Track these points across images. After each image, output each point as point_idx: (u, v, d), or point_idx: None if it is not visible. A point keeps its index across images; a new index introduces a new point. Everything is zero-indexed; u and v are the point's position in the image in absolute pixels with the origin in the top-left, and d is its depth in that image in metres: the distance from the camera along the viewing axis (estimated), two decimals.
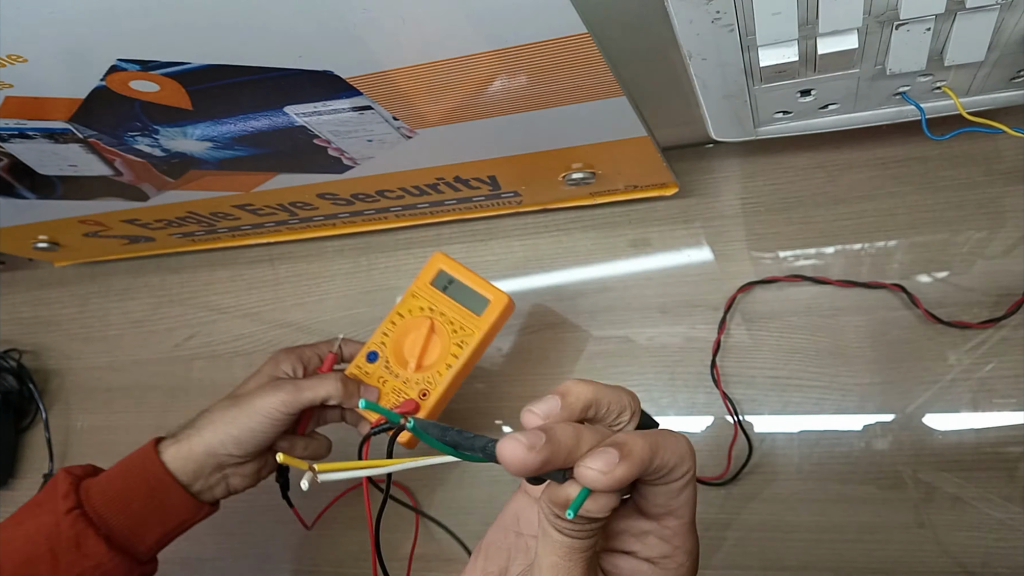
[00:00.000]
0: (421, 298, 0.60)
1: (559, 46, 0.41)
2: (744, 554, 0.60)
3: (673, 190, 0.66)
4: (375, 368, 0.59)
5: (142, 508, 0.51)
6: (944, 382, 0.58)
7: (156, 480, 0.51)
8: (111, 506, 0.51)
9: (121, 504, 0.51)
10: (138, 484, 0.51)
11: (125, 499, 0.51)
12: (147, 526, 0.52)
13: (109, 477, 0.52)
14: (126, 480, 0.51)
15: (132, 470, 0.52)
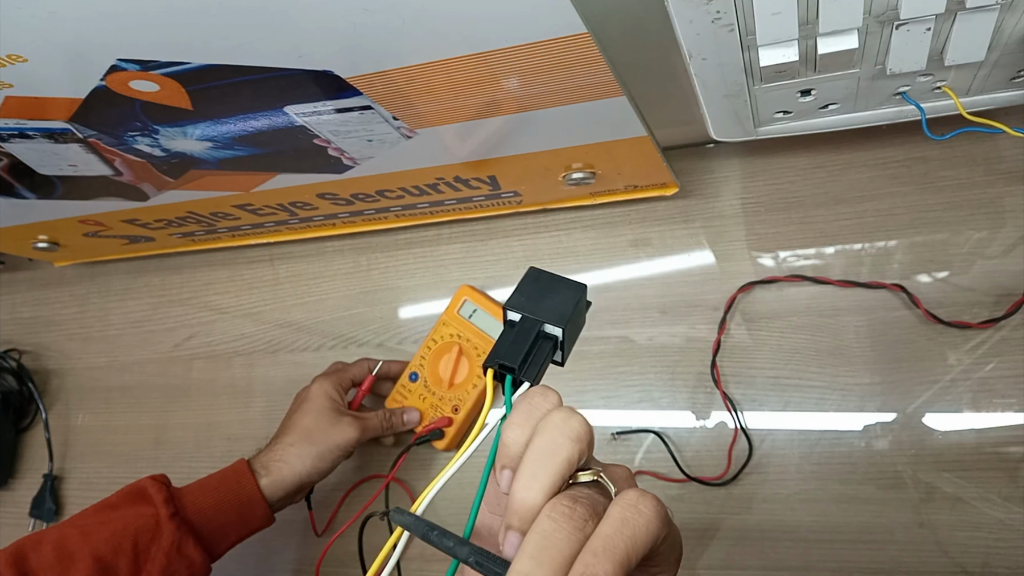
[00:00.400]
0: (451, 326, 0.70)
1: (559, 46, 0.41)
2: (744, 554, 0.60)
3: (673, 190, 0.66)
4: (416, 387, 0.70)
5: (229, 521, 0.58)
6: (944, 382, 0.58)
7: (251, 501, 0.58)
8: (202, 516, 0.57)
9: (212, 515, 0.57)
10: (231, 500, 0.58)
11: (217, 511, 0.58)
12: (227, 535, 0.58)
13: (203, 489, 0.58)
14: (219, 494, 0.58)
15: (226, 487, 0.58)
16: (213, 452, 0.79)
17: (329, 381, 0.65)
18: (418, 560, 0.68)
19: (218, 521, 0.58)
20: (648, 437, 0.65)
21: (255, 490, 0.59)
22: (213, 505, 0.58)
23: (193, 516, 0.57)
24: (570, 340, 0.36)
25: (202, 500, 0.58)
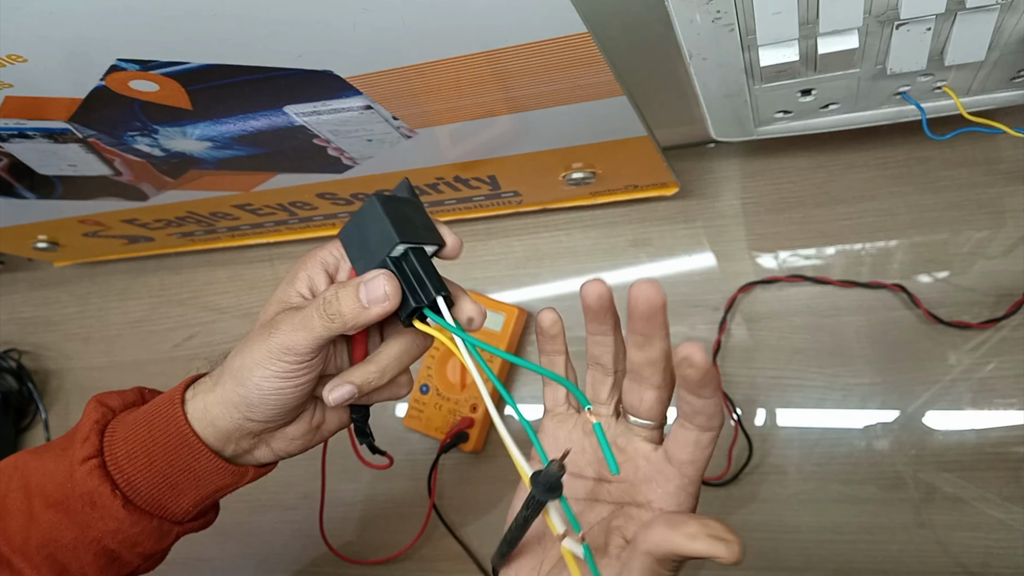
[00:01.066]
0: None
1: (559, 46, 0.41)
2: (744, 554, 0.60)
3: (673, 190, 0.66)
4: (429, 398, 0.69)
5: (168, 468, 0.42)
6: (944, 382, 0.58)
7: (180, 440, 0.41)
8: (134, 460, 0.41)
9: (144, 459, 0.41)
10: (162, 439, 0.41)
11: (149, 454, 0.41)
12: (178, 489, 0.43)
13: (136, 422, 0.42)
14: (151, 431, 0.42)
15: (156, 420, 0.42)
16: None
17: (309, 255, 0.43)
18: (423, 560, 0.68)
19: (155, 468, 0.42)
20: None
21: (182, 424, 0.41)
22: (144, 445, 0.42)
23: (125, 460, 0.41)
24: (413, 228, 0.38)
25: (133, 437, 0.42)
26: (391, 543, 0.68)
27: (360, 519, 0.72)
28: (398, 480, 0.71)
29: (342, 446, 0.72)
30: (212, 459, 0.42)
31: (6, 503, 0.42)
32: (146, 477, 0.41)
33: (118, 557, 0.43)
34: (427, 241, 0.38)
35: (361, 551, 0.70)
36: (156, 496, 0.42)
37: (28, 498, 0.42)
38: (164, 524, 0.43)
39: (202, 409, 0.42)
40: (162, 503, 0.42)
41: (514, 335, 0.68)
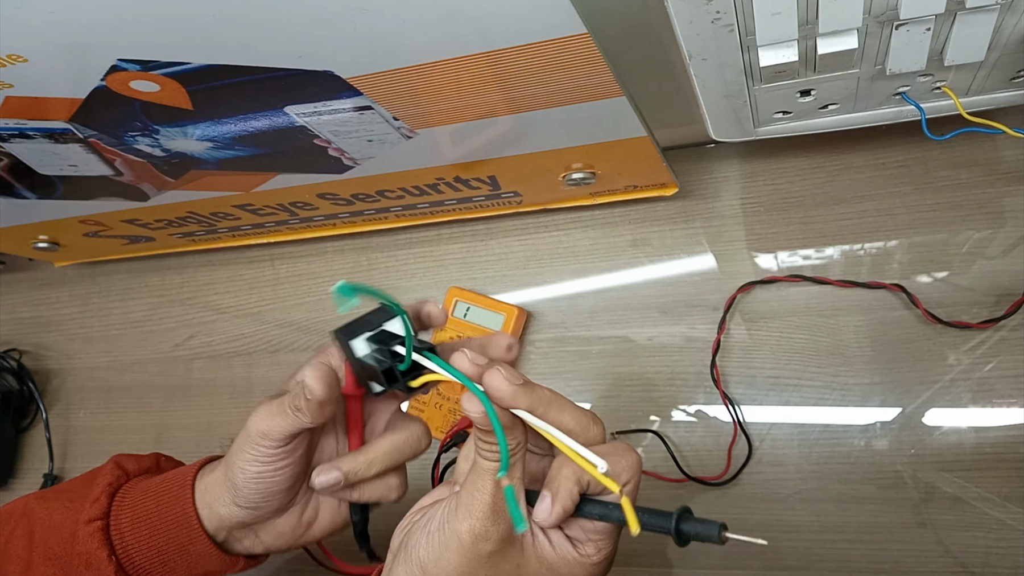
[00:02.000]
0: (449, 329, 0.69)
1: (559, 46, 0.41)
2: (744, 554, 0.60)
3: (673, 190, 0.66)
4: (429, 398, 0.68)
5: (166, 545, 0.43)
6: (944, 382, 0.58)
7: (183, 519, 0.42)
8: (136, 530, 0.42)
9: (146, 531, 0.42)
10: (167, 514, 0.42)
11: (151, 527, 0.42)
12: (169, 567, 0.43)
13: (146, 491, 0.44)
14: (158, 505, 0.43)
15: (165, 495, 0.43)
16: (213, 452, 0.78)
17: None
18: None
19: (153, 542, 0.43)
20: (647, 437, 0.65)
21: (188, 503, 0.43)
22: (150, 517, 0.43)
23: (128, 529, 0.43)
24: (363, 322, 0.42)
25: (140, 506, 0.43)
26: None
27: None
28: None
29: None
30: (207, 544, 0.43)
31: (8, 549, 0.43)
32: (143, 550, 0.43)
33: None
34: (379, 323, 0.41)
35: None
36: (148, 570, 0.43)
37: (30, 548, 0.43)
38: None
39: (204, 490, 0.43)
40: (152, 574, 0.44)
41: (514, 335, 0.68)
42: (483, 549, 0.35)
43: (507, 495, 0.34)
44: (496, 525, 0.34)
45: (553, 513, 0.35)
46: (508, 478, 0.34)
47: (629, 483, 0.35)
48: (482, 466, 0.35)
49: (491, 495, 0.34)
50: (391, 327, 0.41)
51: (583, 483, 0.35)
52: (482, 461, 0.35)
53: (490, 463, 0.35)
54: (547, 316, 0.70)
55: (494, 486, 0.34)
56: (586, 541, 0.36)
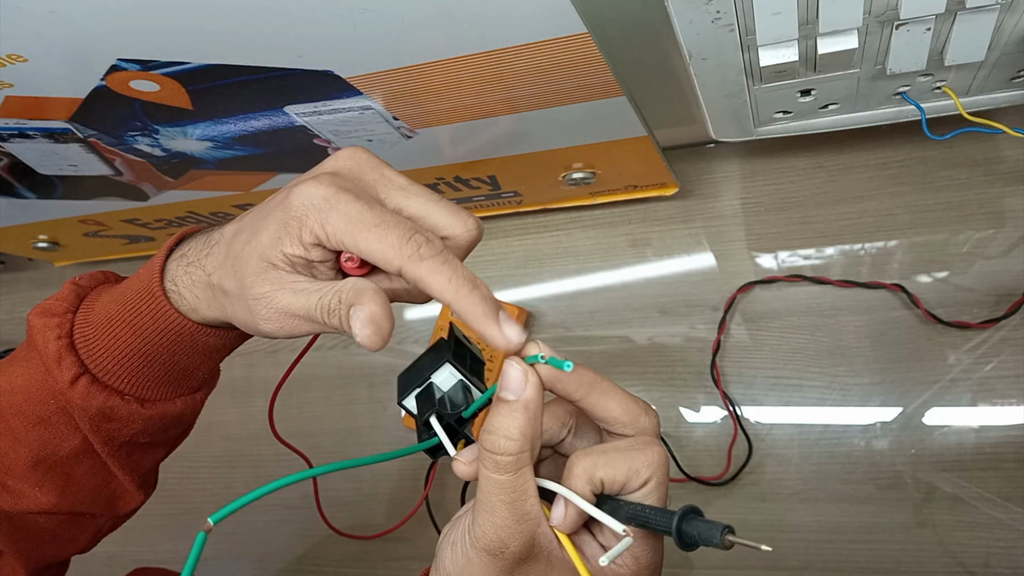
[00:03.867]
0: (448, 330, 0.65)
1: (559, 46, 0.41)
2: (744, 554, 0.60)
3: (673, 190, 0.66)
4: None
5: (171, 358, 0.39)
6: (944, 382, 0.58)
7: (175, 333, 0.38)
8: (129, 365, 0.39)
9: (140, 362, 0.39)
10: (154, 338, 0.38)
11: (144, 355, 0.39)
12: (189, 370, 0.41)
13: (112, 322, 0.39)
14: (136, 333, 0.38)
15: (140, 319, 0.38)
16: (213, 452, 0.79)
17: (333, 187, 0.33)
18: (422, 560, 0.68)
19: (155, 367, 0.39)
20: None
21: (189, 327, 0.38)
22: (135, 348, 0.38)
23: (114, 367, 0.39)
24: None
25: (114, 342, 0.39)
26: (392, 537, 0.69)
27: (360, 519, 0.72)
28: (399, 480, 0.71)
29: (340, 445, 0.72)
30: (219, 333, 0.39)
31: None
32: (150, 374, 0.39)
33: (152, 445, 0.43)
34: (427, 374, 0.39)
35: (361, 551, 0.70)
36: (170, 381, 0.40)
37: (2, 418, 0.40)
38: (187, 399, 0.42)
39: (192, 299, 0.38)
40: (178, 382, 0.41)
41: None
42: (505, 560, 0.33)
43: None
44: (513, 539, 0.32)
45: (568, 517, 0.33)
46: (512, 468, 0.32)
47: (650, 481, 0.33)
48: (489, 477, 0.32)
49: (505, 510, 0.32)
50: (437, 379, 0.38)
51: (595, 482, 0.33)
52: (488, 473, 0.32)
53: (497, 474, 0.32)
54: (547, 316, 0.70)
55: (506, 494, 0.32)
56: (625, 554, 0.34)
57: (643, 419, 0.35)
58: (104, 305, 0.39)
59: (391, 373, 0.75)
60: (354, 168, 0.35)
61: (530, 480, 0.33)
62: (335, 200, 0.32)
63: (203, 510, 0.53)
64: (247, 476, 0.76)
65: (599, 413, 0.35)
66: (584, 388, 0.34)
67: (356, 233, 0.32)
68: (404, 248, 0.31)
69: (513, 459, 0.32)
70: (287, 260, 0.33)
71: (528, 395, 0.32)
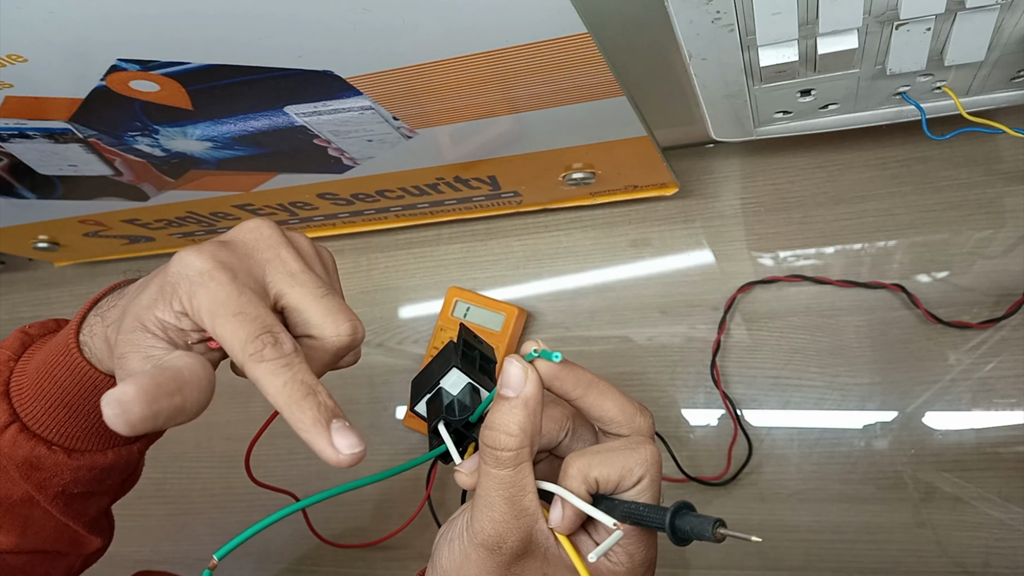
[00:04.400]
0: (448, 329, 0.70)
1: (559, 46, 0.41)
2: (744, 554, 0.60)
3: (673, 190, 0.66)
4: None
5: (96, 409, 0.39)
6: (944, 382, 0.58)
7: (91, 385, 0.39)
8: (54, 415, 0.38)
9: (65, 412, 0.39)
10: (73, 389, 0.39)
11: (68, 405, 0.39)
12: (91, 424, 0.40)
13: (39, 373, 0.39)
14: (55, 383, 0.39)
15: (58, 371, 0.39)
16: (213, 452, 0.79)
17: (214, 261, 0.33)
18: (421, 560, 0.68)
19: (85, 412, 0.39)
20: None
21: (103, 382, 0.38)
22: (58, 397, 0.39)
23: (42, 414, 0.39)
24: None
25: (40, 392, 0.39)
26: (390, 542, 0.68)
27: (359, 519, 0.72)
28: (398, 481, 0.71)
29: None
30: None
31: None
32: (76, 425, 0.39)
33: (91, 494, 0.42)
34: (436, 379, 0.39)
35: (361, 552, 0.70)
36: (97, 433, 0.40)
37: None
38: (121, 451, 0.41)
39: (99, 351, 0.38)
40: (106, 435, 0.40)
41: (514, 335, 0.68)
42: (502, 556, 0.33)
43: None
44: (511, 534, 0.33)
45: (565, 518, 0.33)
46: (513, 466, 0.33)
47: (643, 479, 0.33)
48: (489, 472, 0.33)
49: (503, 505, 0.33)
50: (446, 383, 0.38)
51: (590, 481, 0.33)
52: (487, 468, 0.33)
53: (497, 469, 0.33)
54: (547, 316, 0.70)
55: (505, 489, 0.33)
56: (616, 547, 0.34)
57: (638, 419, 0.35)
58: (40, 355, 0.40)
59: (391, 373, 0.75)
60: (251, 243, 0.35)
61: (529, 476, 0.33)
62: (208, 276, 0.32)
63: (203, 510, 0.53)
64: (247, 477, 0.76)
65: (595, 412, 0.35)
66: (582, 387, 0.34)
67: (215, 317, 0.31)
68: (248, 346, 0.31)
69: (513, 454, 0.32)
70: (159, 324, 0.33)
71: (528, 391, 0.33)
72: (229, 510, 0.76)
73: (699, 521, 0.31)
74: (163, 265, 0.34)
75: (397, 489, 0.71)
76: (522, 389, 0.33)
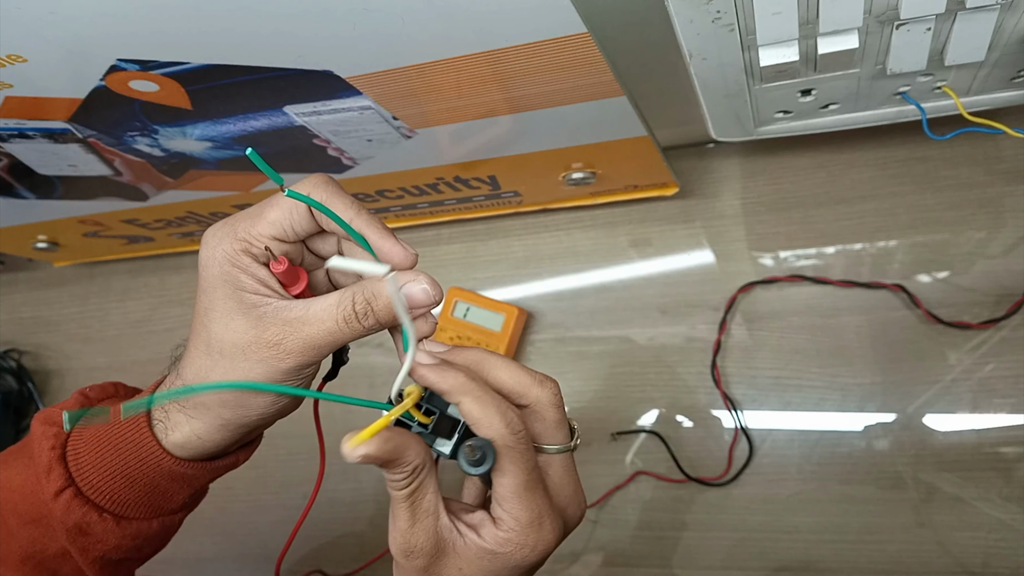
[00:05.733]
0: (448, 329, 0.69)
1: (559, 46, 0.41)
2: (744, 554, 0.60)
3: (673, 190, 0.66)
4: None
5: (151, 483, 0.41)
6: (944, 382, 0.58)
7: (156, 464, 0.40)
8: (112, 483, 0.40)
9: (123, 482, 0.40)
10: (135, 464, 0.40)
11: (126, 476, 0.40)
12: (168, 493, 0.41)
13: (100, 444, 0.40)
14: (120, 456, 0.40)
15: (125, 447, 0.40)
16: None
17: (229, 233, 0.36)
18: None
19: (135, 490, 0.40)
20: (648, 437, 0.65)
21: (166, 460, 0.39)
22: (118, 472, 0.40)
23: (99, 482, 0.40)
24: None
25: (101, 464, 0.40)
26: None
27: (359, 519, 0.72)
28: None
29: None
30: (198, 466, 0.41)
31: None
32: (130, 495, 0.40)
33: (124, 560, 0.43)
34: None
35: (360, 554, 0.70)
36: (149, 503, 0.41)
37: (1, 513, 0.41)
38: (166, 520, 0.43)
39: (182, 439, 0.40)
40: (157, 506, 0.42)
41: (514, 335, 0.68)
42: (418, 564, 0.35)
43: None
44: (416, 537, 0.35)
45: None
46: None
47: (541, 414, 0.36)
48: (391, 493, 0.35)
49: (404, 513, 0.35)
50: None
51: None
52: (390, 490, 0.35)
53: (395, 491, 0.35)
54: (547, 316, 0.70)
55: (406, 506, 0.35)
56: (502, 514, 0.35)
57: (535, 390, 0.36)
58: (102, 432, 0.41)
59: (391, 373, 0.75)
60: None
61: (427, 481, 0.35)
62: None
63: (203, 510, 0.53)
64: (247, 476, 0.76)
65: (494, 387, 0.36)
66: (469, 371, 0.36)
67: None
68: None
69: (404, 481, 0.34)
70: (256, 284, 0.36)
71: (373, 449, 0.32)
72: (229, 509, 0.76)
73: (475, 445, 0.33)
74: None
75: None
76: (369, 450, 0.32)
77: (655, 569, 0.62)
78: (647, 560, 0.63)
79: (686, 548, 0.62)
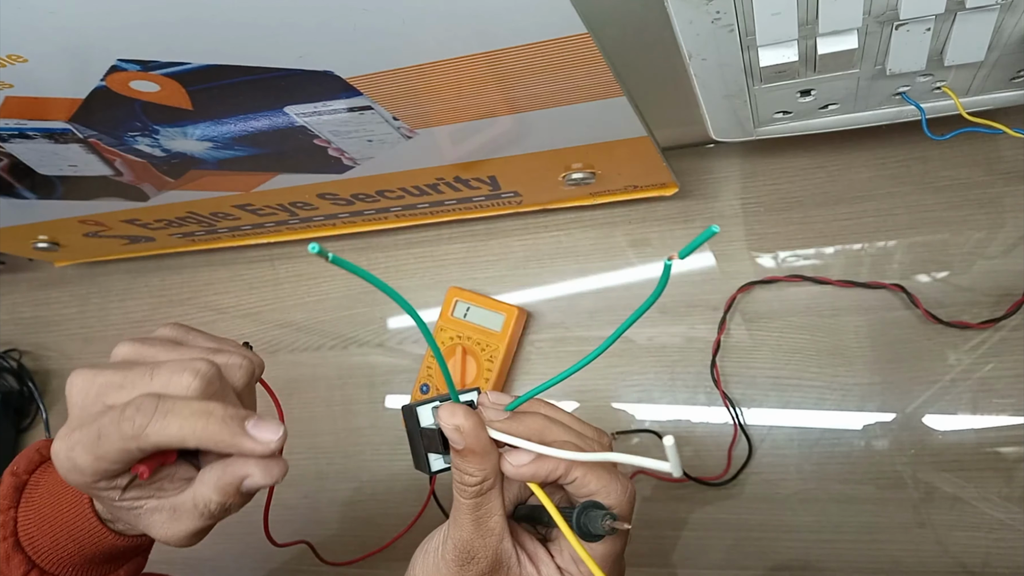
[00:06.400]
0: (448, 329, 0.70)
1: (559, 46, 0.41)
2: (744, 554, 0.60)
3: (673, 190, 0.66)
4: (428, 398, 0.68)
5: (107, 558, 0.44)
6: (944, 382, 0.58)
7: (117, 548, 0.43)
8: (70, 560, 0.43)
9: (80, 559, 0.43)
10: (94, 550, 0.43)
11: (82, 555, 0.43)
12: (125, 554, 0.45)
13: (50, 524, 0.42)
14: (79, 548, 0.43)
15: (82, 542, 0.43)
16: None
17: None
18: None
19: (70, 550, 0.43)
20: (648, 437, 0.65)
21: (120, 541, 0.43)
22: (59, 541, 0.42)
23: (39, 539, 0.42)
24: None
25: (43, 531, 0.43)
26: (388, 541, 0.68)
27: (359, 519, 0.72)
28: (398, 481, 0.71)
29: (340, 445, 0.72)
30: (147, 537, 0.44)
31: None
32: (86, 561, 0.44)
33: None
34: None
35: (359, 549, 0.70)
36: (102, 564, 0.45)
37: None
38: (130, 567, 0.47)
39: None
40: (111, 566, 0.46)
41: (514, 335, 0.68)
42: (470, 570, 0.36)
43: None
44: (479, 547, 0.36)
45: (527, 462, 0.36)
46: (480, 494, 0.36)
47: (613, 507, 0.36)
48: (458, 499, 0.36)
49: (469, 523, 0.36)
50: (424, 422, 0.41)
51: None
52: (457, 496, 0.36)
53: (465, 486, 0.36)
54: (547, 316, 0.70)
55: (471, 512, 0.36)
56: (572, 569, 0.37)
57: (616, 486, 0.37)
58: (42, 501, 0.43)
59: (391, 373, 0.75)
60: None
61: (495, 501, 0.36)
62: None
63: None
64: None
65: (582, 492, 0.37)
66: (536, 435, 0.37)
67: None
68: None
69: (475, 488, 0.36)
70: None
71: (469, 443, 0.35)
72: None
73: (593, 516, 0.35)
74: None
75: (399, 488, 0.71)
76: (462, 442, 0.35)
77: (655, 569, 0.62)
78: (647, 560, 0.63)
79: (685, 547, 0.62)
